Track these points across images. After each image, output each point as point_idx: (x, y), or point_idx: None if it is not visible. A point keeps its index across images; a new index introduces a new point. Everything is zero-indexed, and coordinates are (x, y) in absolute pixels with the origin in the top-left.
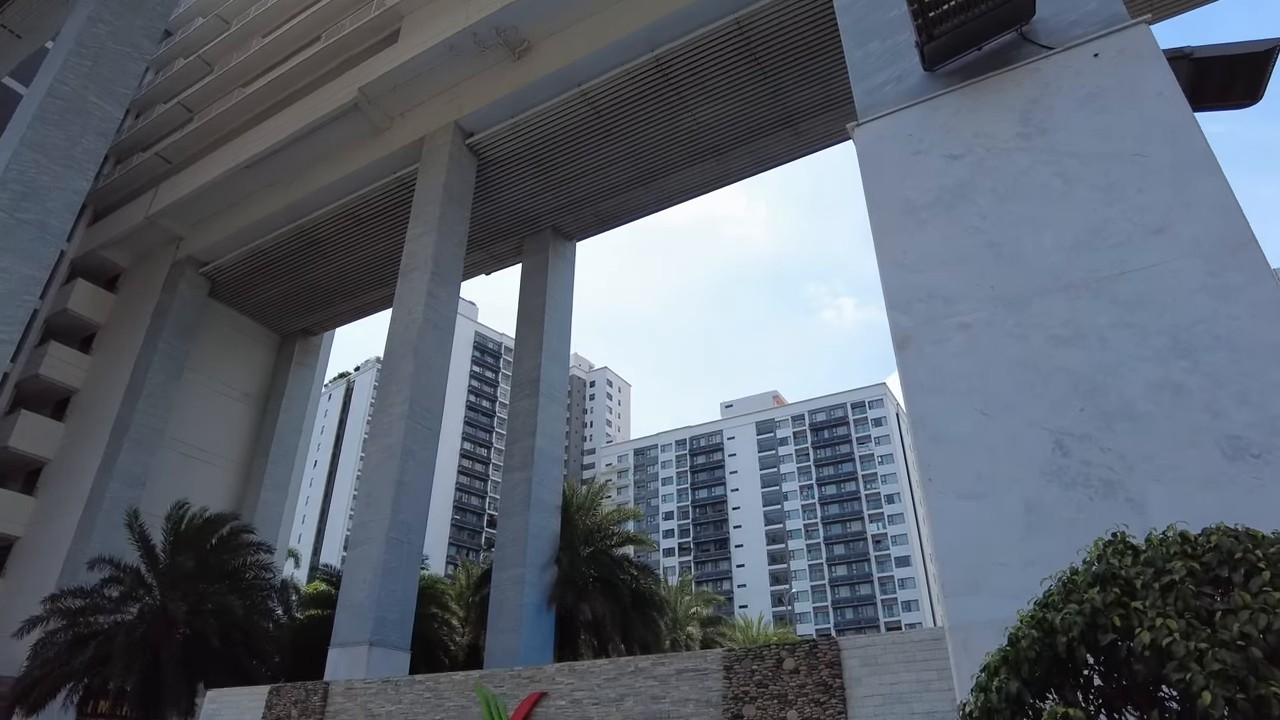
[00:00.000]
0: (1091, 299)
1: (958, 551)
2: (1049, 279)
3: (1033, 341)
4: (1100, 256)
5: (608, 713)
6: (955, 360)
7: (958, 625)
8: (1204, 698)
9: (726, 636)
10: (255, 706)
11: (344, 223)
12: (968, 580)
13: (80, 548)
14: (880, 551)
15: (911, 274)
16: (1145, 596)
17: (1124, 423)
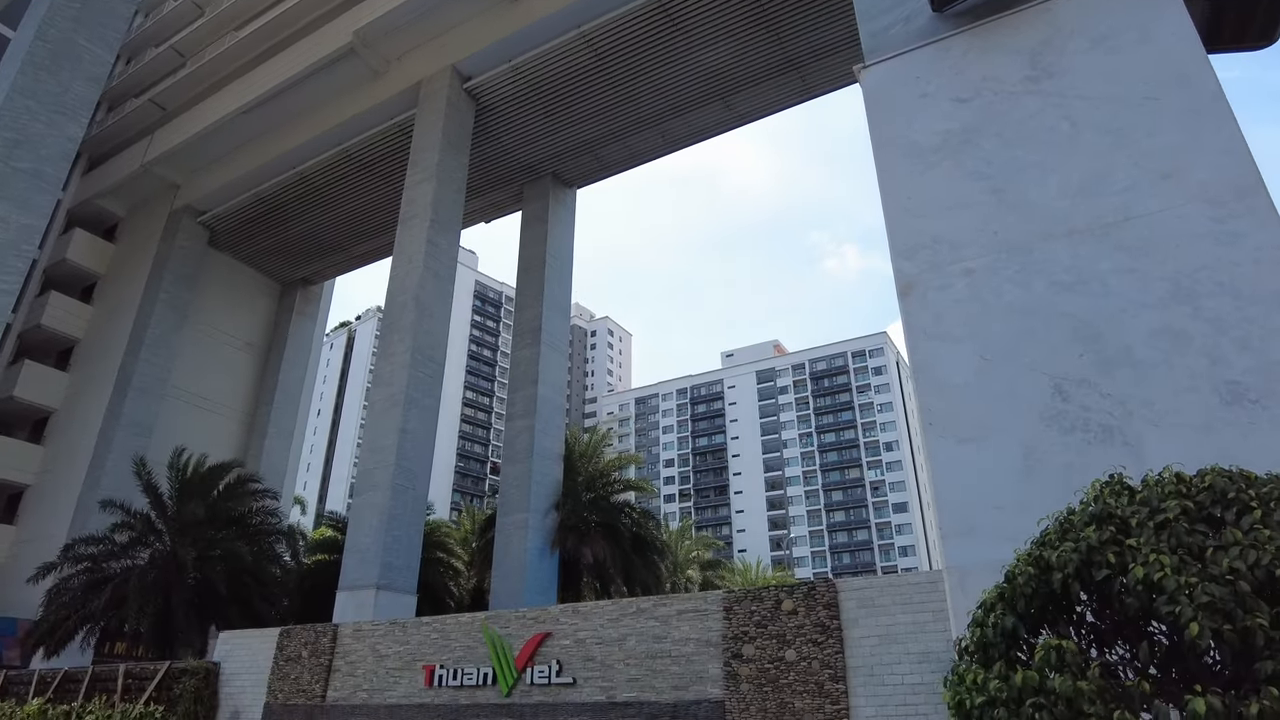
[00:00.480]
0: (1095, 244)
1: (955, 495)
2: (1053, 224)
3: (1035, 287)
4: (1105, 202)
5: (610, 652)
6: (958, 306)
7: (954, 566)
8: (1191, 629)
9: (726, 580)
10: (267, 648)
11: (343, 169)
12: (965, 523)
13: (90, 496)
14: (878, 498)
15: (916, 219)
16: (1139, 534)
17: (1123, 368)
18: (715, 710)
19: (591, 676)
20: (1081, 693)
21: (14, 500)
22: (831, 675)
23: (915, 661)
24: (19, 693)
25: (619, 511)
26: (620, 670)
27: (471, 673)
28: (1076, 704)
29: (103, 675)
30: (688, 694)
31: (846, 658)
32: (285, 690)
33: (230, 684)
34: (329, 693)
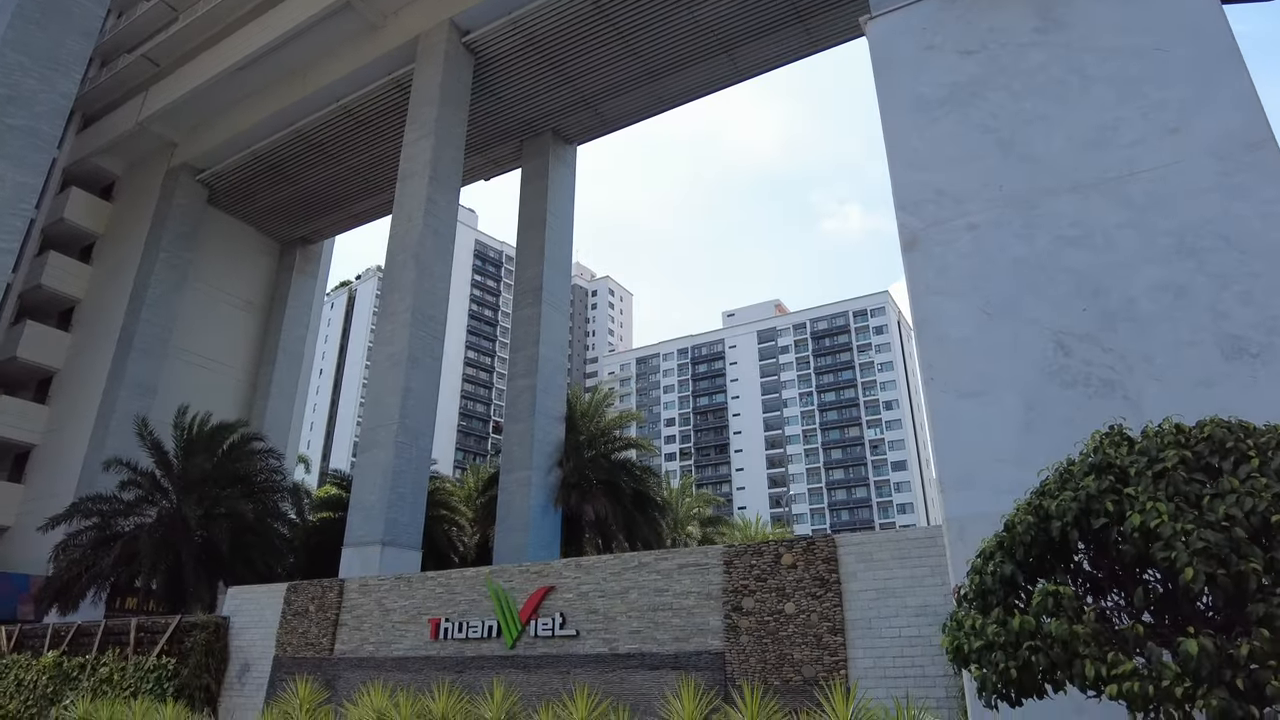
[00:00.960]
0: (1100, 199)
1: (956, 448)
2: (1058, 178)
3: (1039, 242)
4: (1112, 156)
5: (613, 605)
6: (961, 261)
7: (954, 517)
8: (1186, 573)
9: (725, 536)
10: (274, 603)
11: (341, 126)
12: (964, 475)
13: (96, 455)
14: (877, 456)
15: (921, 173)
16: (1138, 483)
17: (1126, 323)
18: (716, 661)
19: (594, 629)
20: (1077, 636)
21: (21, 460)
22: (830, 627)
23: (912, 615)
24: (34, 646)
25: (620, 469)
26: (622, 623)
27: (476, 625)
28: (1072, 647)
29: (115, 629)
30: (688, 645)
31: (845, 611)
32: (294, 643)
33: (240, 637)
34: (336, 646)
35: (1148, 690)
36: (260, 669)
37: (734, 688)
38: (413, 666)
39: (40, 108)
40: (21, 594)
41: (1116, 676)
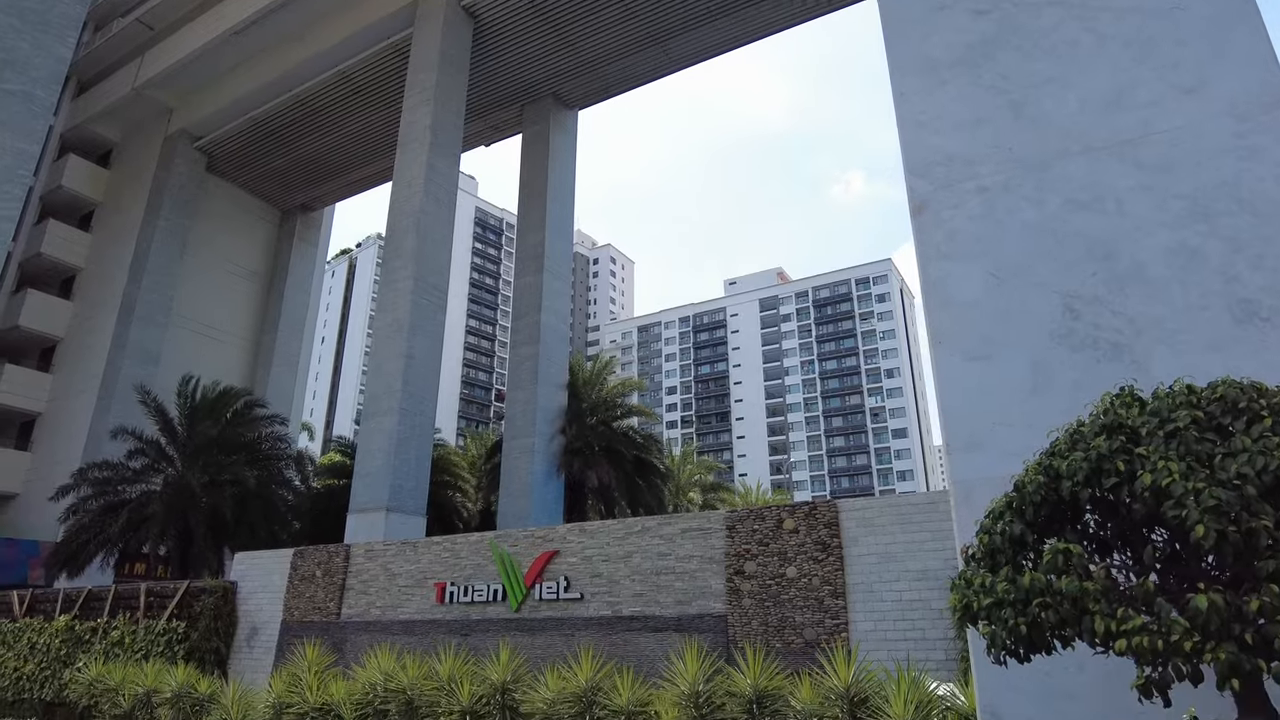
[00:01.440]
0: (1113, 162)
1: (963, 411)
2: (1070, 141)
3: (1049, 205)
4: (1126, 117)
5: (616, 569)
6: (971, 224)
7: (960, 480)
8: (1197, 530)
9: (726, 501)
10: (281, 568)
11: (340, 91)
12: (971, 439)
13: (101, 423)
14: (878, 424)
15: (931, 136)
16: (1149, 443)
17: (1136, 286)
18: (718, 624)
19: (598, 592)
20: (1087, 592)
21: (27, 428)
22: (831, 591)
23: (913, 579)
24: (46, 610)
25: (623, 437)
26: (626, 586)
27: (482, 589)
28: (1082, 603)
29: (125, 594)
30: (691, 608)
31: (846, 575)
32: (301, 608)
33: (247, 602)
34: (343, 610)
35: (1156, 645)
36: (268, 632)
37: (736, 650)
38: (419, 630)
39: (35, 72)
40: (31, 559)
41: (1125, 632)
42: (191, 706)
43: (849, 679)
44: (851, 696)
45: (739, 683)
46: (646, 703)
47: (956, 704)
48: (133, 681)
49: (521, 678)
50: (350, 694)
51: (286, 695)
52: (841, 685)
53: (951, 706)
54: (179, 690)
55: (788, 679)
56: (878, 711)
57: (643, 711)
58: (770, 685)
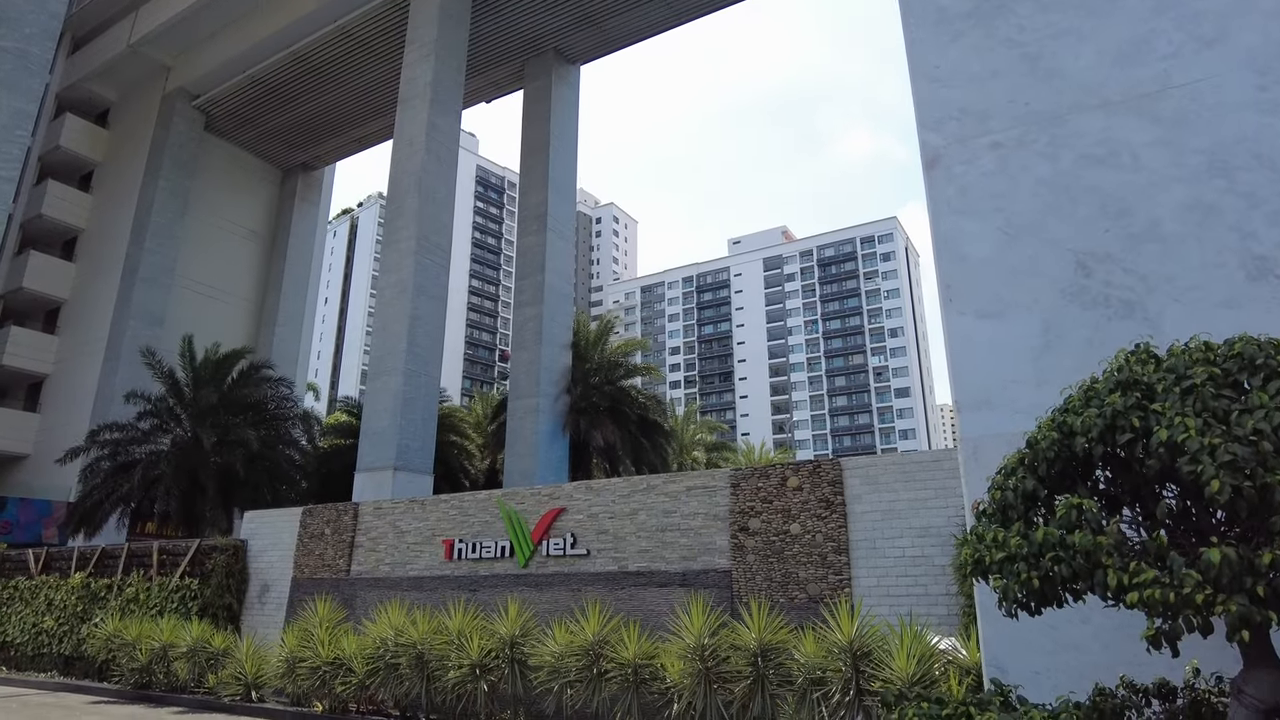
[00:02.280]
0: (1129, 116)
1: (972, 369)
2: (1086, 95)
3: (1063, 161)
4: (1143, 71)
5: (622, 525)
6: (984, 180)
7: (968, 437)
8: (1212, 485)
9: (729, 460)
10: (290, 526)
11: (340, 47)
12: (980, 396)
13: (108, 384)
14: (880, 383)
15: (944, 90)
16: (1165, 400)
17: (1150, 243)
18: (723, 579)
19: (604, 548)
20: (1100, 546)
21: (35, 390)
22: (835, 547)
23: (916, 535)
24: (61, 568)
25: (627, 396)
26: (631, 542)
27: (490, 546)
28: (1094, 557)
29: (138, 552)
30: (696, 564)
31: (849, 531)
32: (311, 565)
33: (258, 560)
34: (353, 567)
35: (1168, 597)
36: (279, 589)
37: (741, 604)
38: (428, 585)
39: (28, 28)
40: (45, 519)
41: (1138, 585)
42: (206, 660)
43: (852, 633)
44: (855, 650)
45: (744, 636)
46: (653, 655)
47: (959, 657)
48: (149, 636)
49: (530, 632)
50: (361, 648)
51: (299, 650)
52: (845, 639)
53: (954, 660)
54: (194, 645)
55: (792, 633)
56: (880, 665)
57: (649, 664)
58: (774, 639)
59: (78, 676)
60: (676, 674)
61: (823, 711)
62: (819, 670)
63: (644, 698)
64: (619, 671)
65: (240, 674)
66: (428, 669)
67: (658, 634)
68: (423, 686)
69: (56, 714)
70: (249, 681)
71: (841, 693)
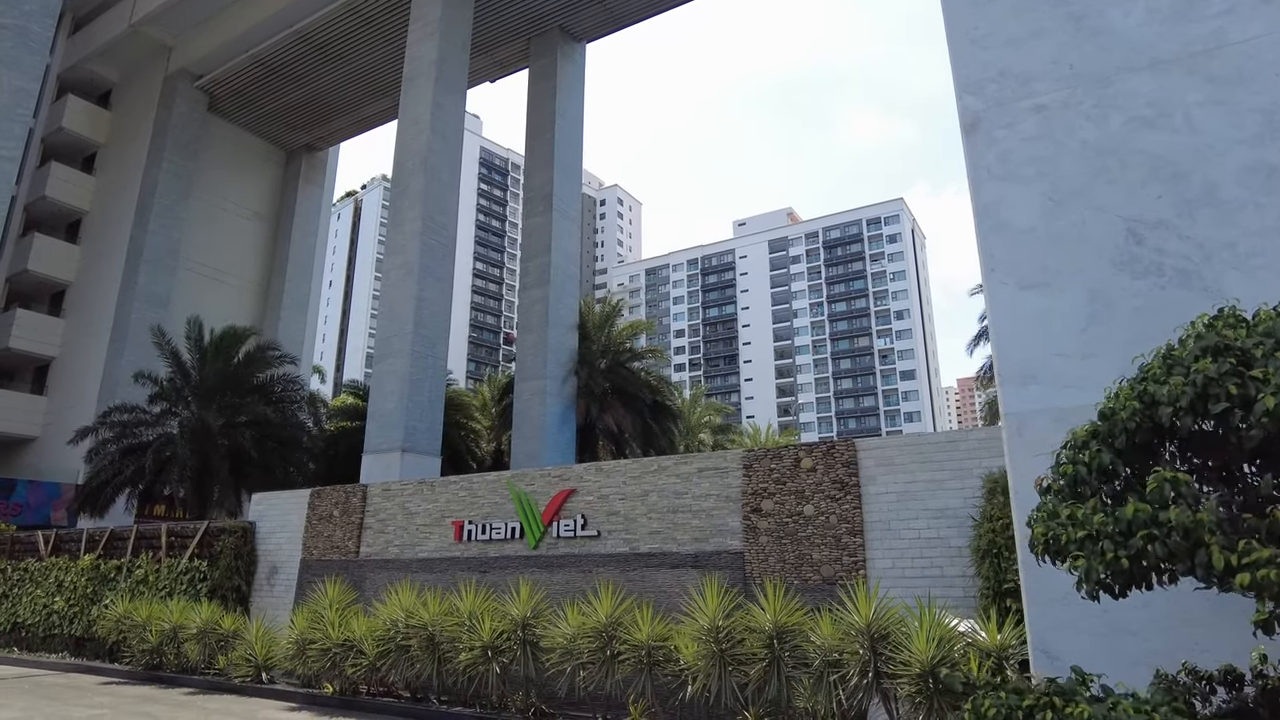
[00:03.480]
0: (1182, 76)
1: (1016, 341)
2: (1135, 55)
3: (1111, 124)
4: (1196, 29)
5: (633, 507)
6: (1026, 145)
7: (1012, 413)
8: None
9: (736, 443)
10: (299, 508)
11: (344, 25)
12: (1025, 370)
13: (115, 367)
14: (886, 365)
15: (983, 51)
16: (1265, 365)
17: (1206, 209)
18: (735, 560)
19: (615, 530)
20: (1201, 524)
21: (42, 373)
22: (849, 529)
23: (931, 517)
24: (71, 549)
25: (636, 379)
26: (642, 524)
27: (500, 527)
28: (1195, 535)
29: (147, 534)
30: (708, 545)
31: (864, 513)
32: (319, 547)
33: (266, 542)
34: (362, 548)
35: None
36: (288, 571)
37: (758, 586)
38: (438, 567)
39: (28, 5)
40: (54, 501)
41: (1249, 565)
42: (217, 642)
43: (870, 615)
44: (873, 633)
45: (759, 618)
46: (666, 637)
47: (978, 639)
48: (159, 618)
49: (542, 613)
50: (372, 630)
51: (309, 631)
52: (863, 621)
53: (973, 642)
54: (204, 626)
55: (807, 615)
56: (899, 647)
57: (663, 646)
58: (790, 621)
59: (89, 657)
60: (691, 656)
61: (839, 694)
62: (836, 653)
63: (657, 680)
64: (632, 653)
65: (250, 655)
66: (439, 651)
67: (671, 615)
68: (434, 668)
69: (69, 694)
70: (259, 663)
71: (859, 675)
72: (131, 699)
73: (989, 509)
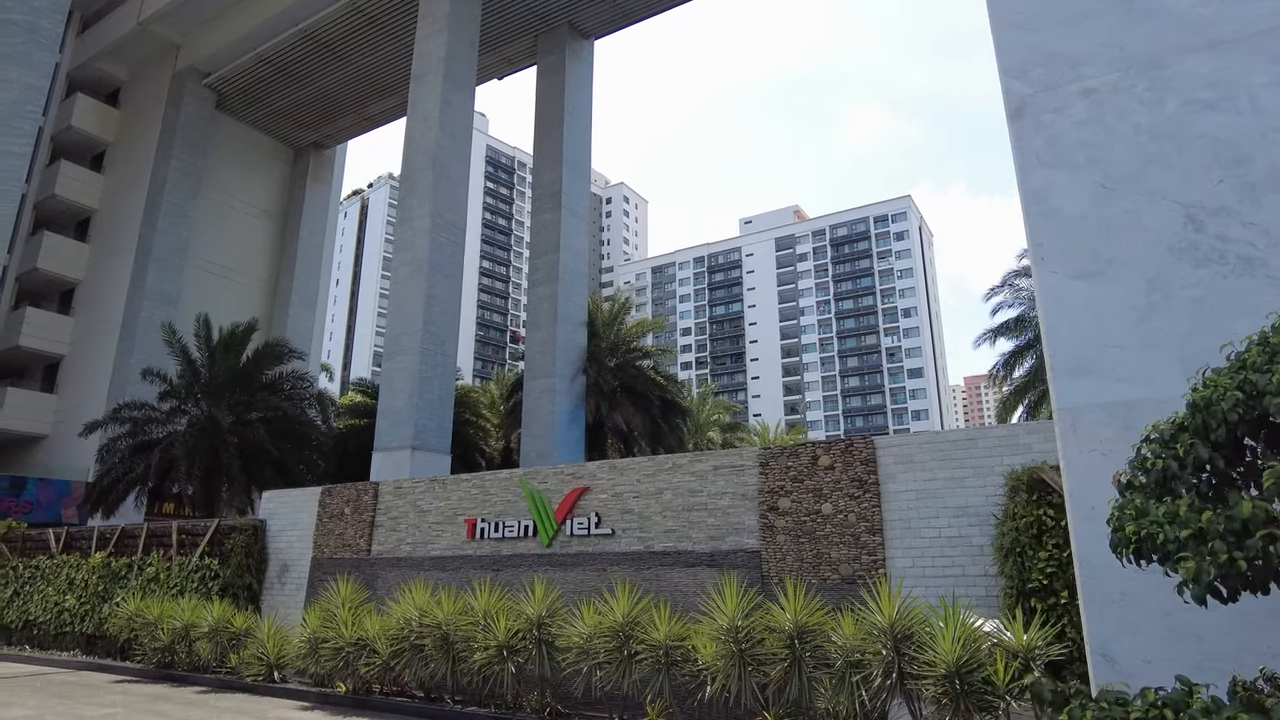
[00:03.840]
0: (1243, 56)
1: (1069, 333)
2: (1192, 35)
3: (1167, 107)
4: (1257, 7)
5: (648, 505)
6: (1076, 130)
7: (1066, 407)
8: None
9: (744, 441)
10: (309, 506)
11: (351, 23)
12: (1078, 362)
13: (124, 364)
14: (893, 364)
15: (1029, 34)
16: None
17: (1273, 194)
18: (752, 559)
19: (629, 528)
20: None
21: (51, 371)
22: (868, 527)
23: (952, 515)
24: (82, 547)
25: (645, 377)
26: (657, 522)
27: (512, 525)
28: None
29: (157, 531)
30: (724, 544)
31: (883, 511)
32: (331, 545)
33: (277, 540)
34: (373, 546)
35: None
36: (299, 569)
37: (776, 585)
38: (450, 565)
39: (38, 1)
40: (64, 498)
41: None
42: (228, 640)
43: (893, 614)
44: (896, 633)
45: (779, 617)
46: (684, 637)
47: (1004, 639)
48: (170, 616)
49: (557, 612)
50: (385, 629)
51: (322, 630)
52: (886, 621)
53: (999, 642)
54: (216, 625)
55: (828, 614)
56: (923, 647)
57: (680, 645)
58: (811, 620)
59: (100, 655)
60: (709, 656)
61: (862, 695)
62: (858, 653)
63: (675, 680)
64: (650, 653)
65: (262, 654)
66: (453, 650)
67: (688, 615)
68: (448, 667)
69: (81, 693)
70: (271, 662)
71: (883, 676)
72: (143, 697)
73: (1011, 507)
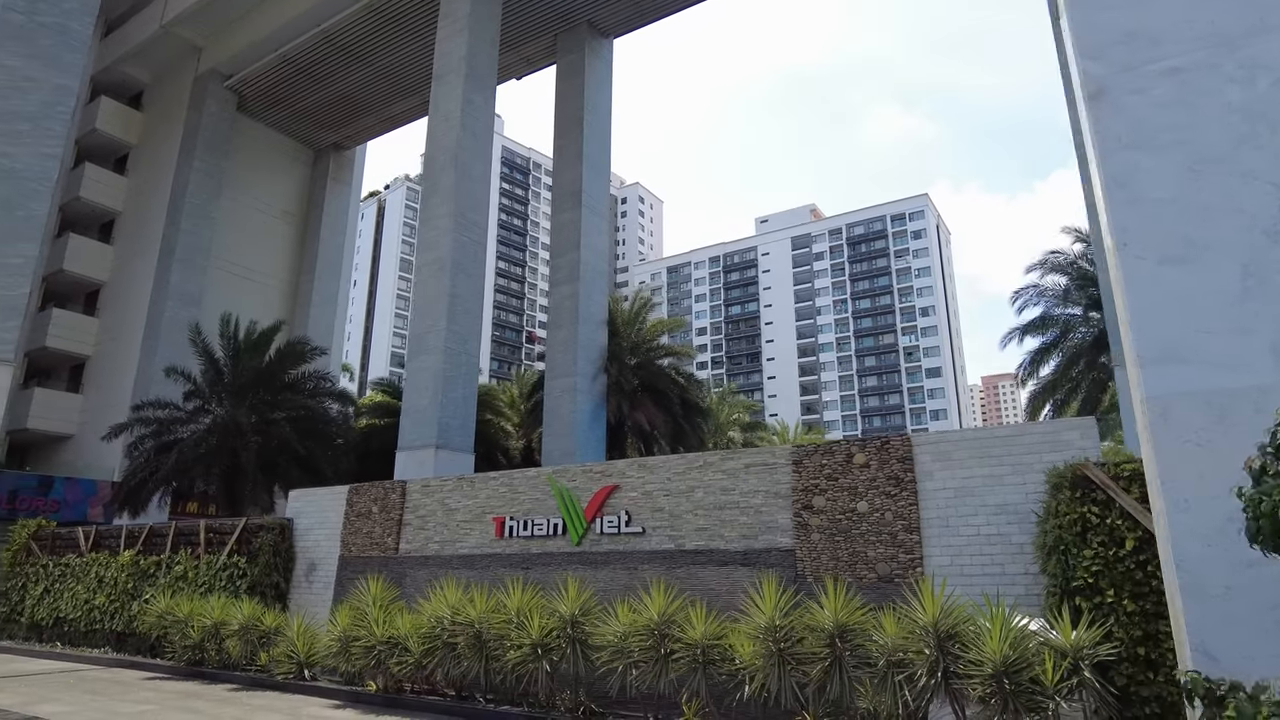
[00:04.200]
0: None
1: (1156, 320)
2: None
3: (1259, 85)
4: None
5: (678, 503)
6: (1160, 111)
7: (1155, 396)
8: None
9: (764, 440)
10: (337, 504)
11: (370, 24)
12: (1167, 350)
13: (148, 365)
14: (911, 363)
15: (1106, 12)
16: None
17: None
18: (786, 558)
19: (660, 526)
20: None
21: (77, 371)
22: (905, 526)
23: (991, 513)
24: (110, 546)
25: (665, 377)
26: (689, 520)
27: (542, 523)
28: None
29: (185, 530)
30: (757, 543)
31: (920, 509)
32: (358, 544)
33: (304, 538)
34: (401, 545)
35: None
36: (326, 568)
37: (813, 583)
38: (479, 564)
39: (68, 3)
40: (90, 498)
41: None
42: (258, 638)
43: (936, 613)
44: (940, 631)
45: (819, 616)
46: (720, 636)
47: (1051, 638)
48: (200, 614)
49: (590, 611)
50: (417, 627)
51: (352, 628)
52: (929, 620)
53: (1046, 641)
54: (245, 623)
55: (869, 613)
56: (968, 646)
57: (717, 644)
58: (851, 619)
59: (130, 653)
60: (748, 655)
61: (905, 694)
62: (900, 652)
63: (713, 679)
64: (686, 652)
65: (292, 652)
66: (486, 649)
67: (724, 614)
68: (481, 666)
69: (114, 690)
70: (301, 660)
71: (927, 675)
72: (175, 695)
73: (1054, 504)
